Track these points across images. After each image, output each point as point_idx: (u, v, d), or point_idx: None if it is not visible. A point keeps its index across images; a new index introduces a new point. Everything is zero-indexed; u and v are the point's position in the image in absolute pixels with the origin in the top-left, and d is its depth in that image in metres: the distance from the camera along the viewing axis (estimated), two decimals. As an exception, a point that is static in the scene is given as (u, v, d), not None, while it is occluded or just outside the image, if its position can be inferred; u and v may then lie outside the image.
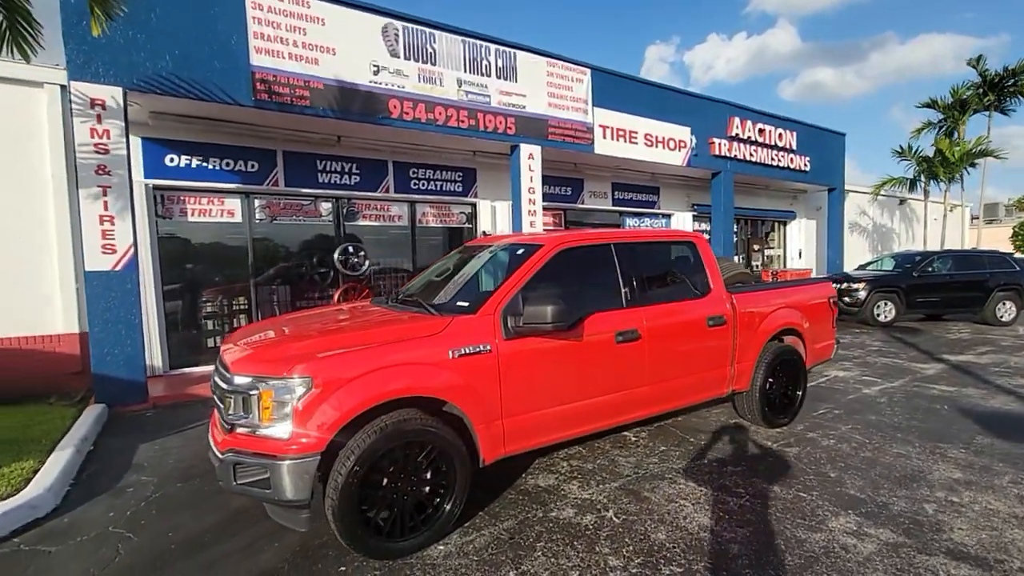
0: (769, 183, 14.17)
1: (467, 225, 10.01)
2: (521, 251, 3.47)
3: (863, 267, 12.88)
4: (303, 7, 6.72)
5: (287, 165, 7.97)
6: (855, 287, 10.43)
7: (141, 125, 6.70)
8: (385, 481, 2.63)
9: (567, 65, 9.18)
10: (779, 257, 16.66)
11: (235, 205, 7.70)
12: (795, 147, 13.29)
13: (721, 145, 11.67)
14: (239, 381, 2.61)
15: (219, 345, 3.89)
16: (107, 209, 5.55)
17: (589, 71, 9.44)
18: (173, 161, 7.12)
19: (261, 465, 2.49)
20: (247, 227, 7.79)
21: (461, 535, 2.90)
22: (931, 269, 10.84)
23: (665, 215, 13.24)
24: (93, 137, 5.49)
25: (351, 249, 8.56)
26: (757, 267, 15.26)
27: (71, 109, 5.46)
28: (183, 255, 7.49)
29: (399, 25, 7.47)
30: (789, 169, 13.30)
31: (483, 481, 3.43)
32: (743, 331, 4.20)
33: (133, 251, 5.72)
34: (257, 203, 7.88)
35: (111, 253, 5.60)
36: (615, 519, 3.05)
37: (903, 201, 19.78)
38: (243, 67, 6.35)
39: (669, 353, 3.75)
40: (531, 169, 8.85)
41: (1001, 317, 10.50)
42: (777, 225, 16.70)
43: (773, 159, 12.84)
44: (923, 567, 2.57)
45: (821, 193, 15.49)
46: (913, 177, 17.09)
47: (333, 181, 8.40)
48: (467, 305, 3.14)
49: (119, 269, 5.64)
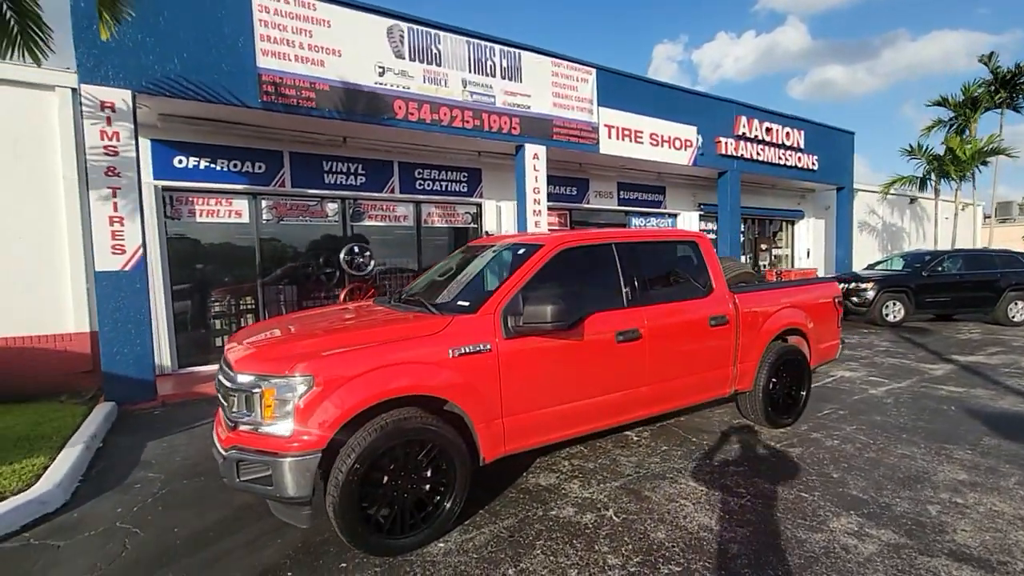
0: (776, 182, 14.08)
1: (472, 225, 10.04)
2: (522, 251, 3.48)
3: (872, 266, 12.76)
4: (309, 9, 6.78)
5: (294, 166, 8.04)
6: (863, 287, 10.34)
7: (150, 127, 6.79)
8: (385, 479, 2.66)
9: (572, 65, 9.18)
10: (787, 257, 16.54)
11: (243, 206, 7.78)
12: (803, 146, 13.19)
13: (727, 144, 11.61)
14: (242, 379, 2.65)
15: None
16: (117, 210, 5.64)
17: (594, 71, 9.44)
18: (182, 163, 7.21)
19: (263, 462, 2.53)
20: (254, 228, 7.88)
21: (461, 533, 2.92)
22: (941, 269, 10.72)
23: (671, 215, 13.19)
24: (103, 139, 5.58)
25: (357, 249, 8.62)
26: (764, 267, 15.16)
27: (81, 112, 5.55)
28: (191, 255, 7.58)
29: (404, 26, 7.51)
30: (797, 168, 13.20)
31: (484, 480, 3.45)
32: (746, 331, 4.19)
33: (142, 251, 5.80)
34: (264, 204, 7.96)
35: (121, 253, 5.68)
36: (615, 518, 3.06)
37: (914, 200, 19.55)
38: (250, 69, 6.42)
39: (670, 353, 3.74)
40: (536, 169, 8.86)
41: (1013, 317, 10.37)
42: (785, 224, 16.58)
43: (780, 158, 12.76)
44: (924, 568, 2.55)
45: (830, 192, 15.37)
46: (923, 176, 16.89)
47: (339, 182, 8.46)
48: (468, 305, 3.16)
49: (128, 269, 5.72)
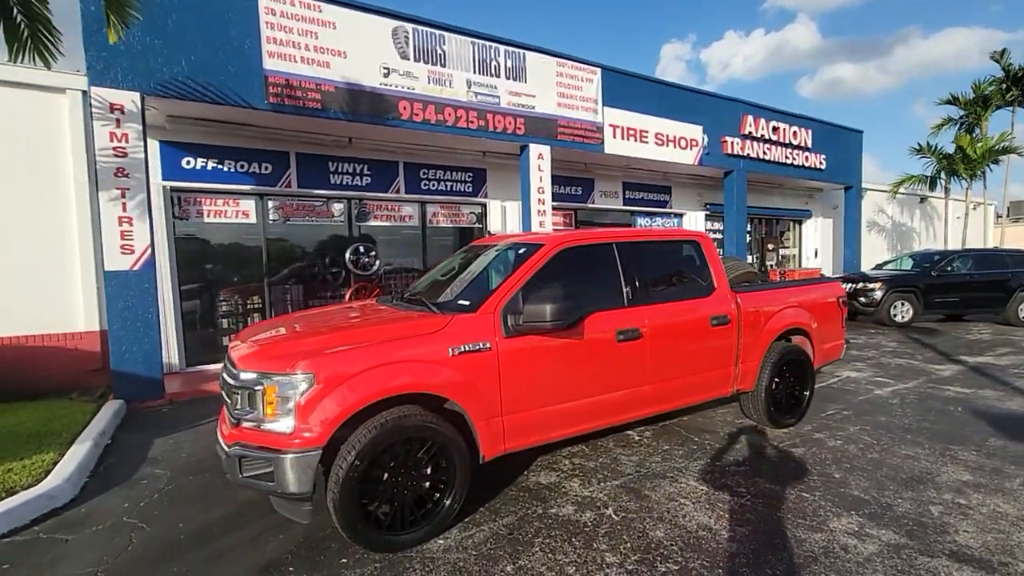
0: (784, 182, 14.00)
1: (477, 225, 10.07)
2: (522, 250, 3.50)
3: (880, 266, 12.66)
4: (315, 11, 6.84)
5: (300, 167, 8.11)
6: (871, 287, 10.25)
7: (159, 129, 6.88)
8: (386, 476, 2.69)
9: (577, 65, 9.19)
10: (794, 256, 16.43)
11: (250, 206, 7.86)
12: (810, 145, 13.11)
13: (734, 144, 11.56)
14: (245, 377, 2.69)
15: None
16: (125, 210, 5.72)
17: (599, 71, 9.44)
18: (190, 163, 7.29)
19: (265, 459, 2.57)
20: (261, 228, 7.95)
21: (461, 530, 2.95)
22: (950, 268, 10.61)
23: (677, 214, 13.15)
24: (112, 141, 5.66)
25: (362, 249, 8.67)
26: (771, 267, 15.07)
27: (91, 114, 5.64)
28: (199, 255, 7.67)
29: (409, 27, 7.56)
30: (804, 167, 13.12)
31: (484, 478, 3.48)
32: (748, 330, 4.18)
33: (150, 251, 5.89)
34: (271, 204, 8.03)
35: (129, 253, 5.76)
36: (614, 516, 3.07)
37: (924, 199, 19.35)
38: (256, 71, 6.48)
39: (671, 352, 3.75)
40: (540, 169, 8.87)
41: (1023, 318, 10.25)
42: (792, 224, 16.47)
43: (787, 157, 12.68)
44: (924, 568, 2.54)
45: (838, 192, 15.24)
46: (933, 175, 16.71)
47: (345, 182, 8.52)
48: (468, 304, 3.18)
49: (137, 269, 5.81)
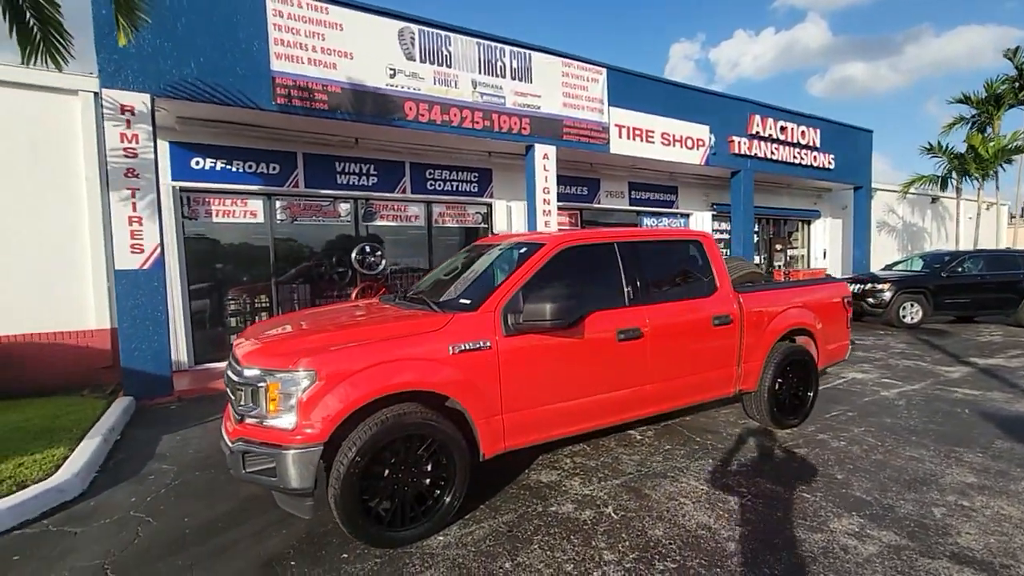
0: (792, 182, 13.90)
1: (483, 225, 10.10)
2: (523, 250, 3.52)
3: (890, 267, 12.54)
4: (322, 13, 6.91)
5: (307, 167, 8.18)
6: (880, 287, 10.16)
7: (168, 130, 6.98)
8: (386, 472, 2.73)
9: (582, 65, 9.19)
10: (803, 257, 16.30)
11: (258, 206, 7.94)
12: (819, 145, 13.01)
13: (741, 143, 11.50)
14: (248, 374, 2.74)
15: (237, 341, 4.04)
16: (136, 210, 5.81)
17: (605, 71, 9.44)
18: (199, 164, 7.39)
19: (268, 454, 2.61)
20: (269, 228, 8.03)
21: (461, 527, 2.97)
22: (961, 269, 10.49)
23: (684, 215, 13.11)
24: (123, 142, 5.76)
25: (368, 249, 8.73)
26: (779, 267, 14.97)
27: (102, 115, 5.74)
28: (208, 254, 7.76)
29: (415, 28, 7.60)
30: (812, 167, 13.02)
31: (485, 475, 3.50)
32: (750, 331, 4.17)
33: (160, 251, 5.98)
34: (279, 204, 8.12)
35: (139, 253, 5.86)
36: (614, 515, 3.09)
37: (935, 199, 19.12)
38: (264, 72, 6.56)
39: (672, 352, 3.75)
40: (546, 169, 8.89)
41: (1036, 319, 10.11)
42: (801, 224, 16.34)
43: (795, 157, 12.60)
44: (924, 570, 2.53)
45: (847, 192, 15.12)
46: (944, 174, 16.51)
47: (352, 182, 8.58)
48: (469, 303, 3.21)
49: (147, 268, 5.90)
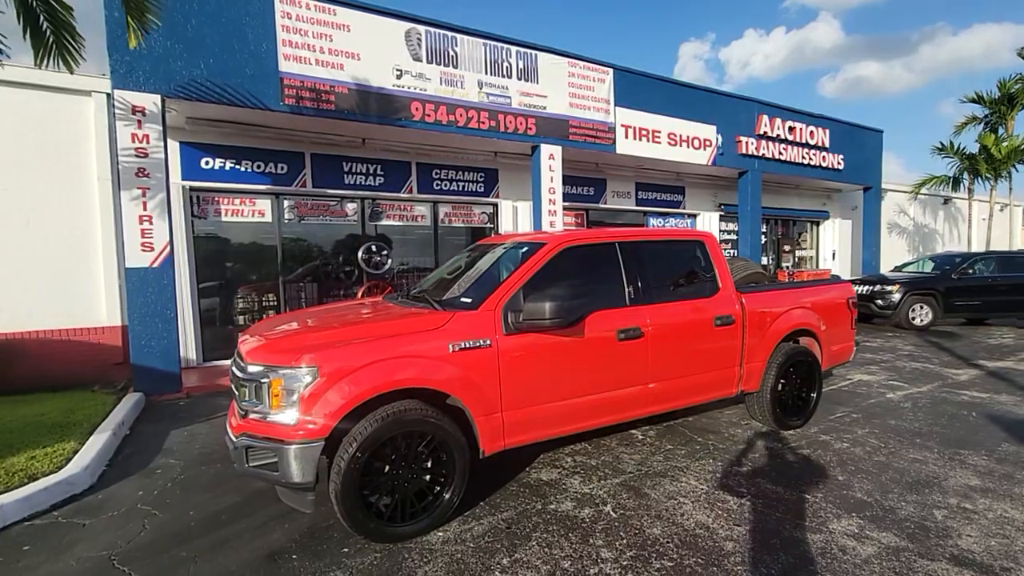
0: (800, 182, 13.80)
1: (489, 225, 10.14)
2: (525, 249, 3.55)
3: (899, 268, 12.42)
4: (329, 15, 6.97)
5: (315, 167, 8.26)
6: (889, 289, 10.07)
7: (178, 130, 7.08)
8: (387, 468, 2.76)
9: (589, 65, 9.19)
10: (811, 258, 16.18)
11: (266, 206, 8.04)
12: (828, 145, 12.91)
13: (748, 144, 11.44)
14: (252, 370, 2.79)
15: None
16: (146, 209, 5.91)
17: (611, 71, 9.43)
18: (208, 164, 7.49)
19: (271, 449, 2.66)
20: (277, 227, 8.12)
21: (460, 523, 3.00)
22: (972, 271, 10.37)
23: (691, 215, 13.06)
24: (134, 142, 5.85)
25: (374, 248, 8.80)
26: (787, 268, 14.87)
27: (114, 115, 5.84)
28: (217, 253, 7.86)
29: (422, 29, 7.65)
30: (821, 168, 12.92)
31: (486, 473, 3.54)
32: (753, 331, 4.17)
33: (169, 249, 6.07)
34: (286, 203, 8.20)
35: (149, 251, 5.95)
36: (612, 513, 3.10)
37: (948, 200, 18.88)
38: (272, 73, 6.63)
39: (673, 352, 3.76)
40: (552, 169, 8.90)
41: (1049, 322, 9.98)
42: (810, 225, 16.22)
43: (804, 158, 12.51)
44: (923, 571, 2.52)
45: (857, 192, 14.98)
46: (956, 175, 16.30)
47: (359, 182, 8.65)
48: (469, 301, 3.24)
49: (156, 266, 5.99)
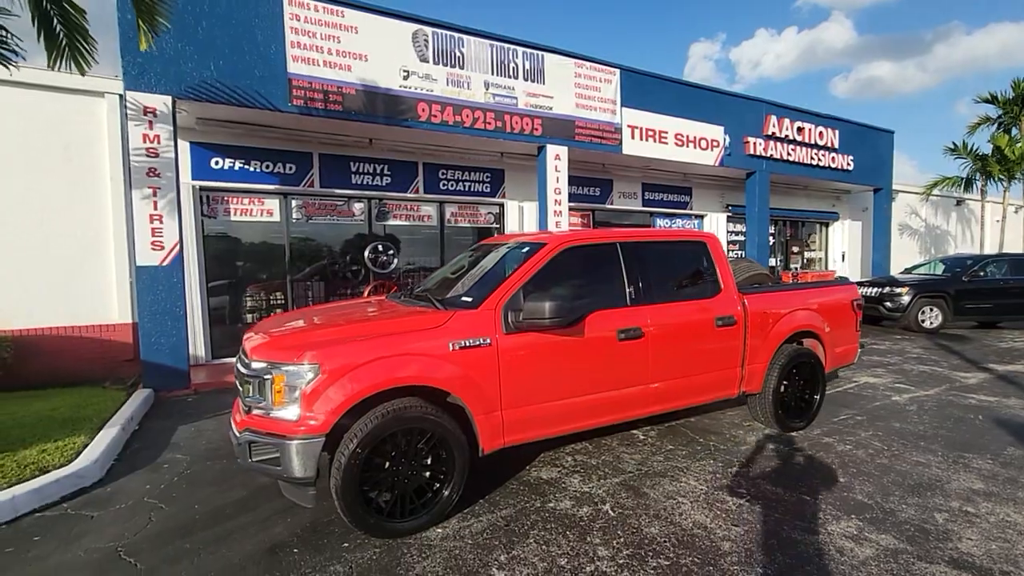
0: (809, 183, 13.70)
1: (495, 225, 10.17)
2: (526, 249, 3.57)
3: (910, 270, 12.30)
4: (337, 16, 7.05)
5: (323, 167, 8.35)
6: (898, 291, 9.98)
7: (189, 130, 7.19)
8: (387, 464, 2.80)
9: (595, 66, 9.20)
10: (820, 260, 16.05)
11: (274, 205, 8.13)
12: (837, 146, 12.80)
13: (756, 144, 11.38)
14: (256, 366, 2.84)
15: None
16: (156, 208, 6.01)
17: (618, 71, 9.43)
18: (218, 164, 7.59)
19: (273, 444, 2.71)
20: (285, 226, 8.21)
21: (460, 520, 3.04)
22: (983, 273, 10.25)
23: (698, 216, 13.02)
24: (145, 142, 5.95)
25: (381, 248, 8.87)
26: (795, 269, 14.77)
27: (126, 116, 5.94)
28: (226, 252, 7.97)
29: (428, 31, 7.70)
30: (831, 169, 12.82)
31: (486, 471, 3.57)
32: (755, 332, 4.17)
33: (179, 248, 6.16)
34: (294, 203, 8.29)
35: (159, 249, 6.05)
36: (611, 512, 3.12)
37: (960, 202, 18.65)
38: (281, 74, 6.72)
39: (674, 352, 3.76)
40: (558, 170, 8.92)
41: (1062, 326, 9.83)
42: (819, 227, 16.10)
43: (813, 158, 12.42)
44: (920, 574, 2.52)
45: (867, 193, 14.84)
46: (968, 176, 16.09)
47: (366, 182, 8.72)
48: (470, 300, 3.28)
49: (166, 264, 6.09)
